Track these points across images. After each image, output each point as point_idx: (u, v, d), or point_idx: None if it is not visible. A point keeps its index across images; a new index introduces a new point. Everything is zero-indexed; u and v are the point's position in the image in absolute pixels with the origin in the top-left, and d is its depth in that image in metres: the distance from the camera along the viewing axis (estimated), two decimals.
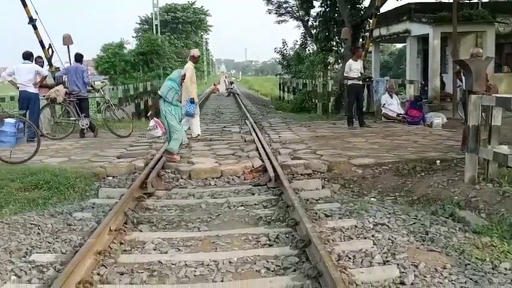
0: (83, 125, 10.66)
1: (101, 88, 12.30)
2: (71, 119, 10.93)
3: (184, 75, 8.37)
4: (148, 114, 8.08)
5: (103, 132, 11.16)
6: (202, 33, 70.63)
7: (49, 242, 4.53)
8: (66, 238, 4.62)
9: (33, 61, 10.67)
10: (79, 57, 11.34)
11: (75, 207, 5.82)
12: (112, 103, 11.93)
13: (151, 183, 6.40)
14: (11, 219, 5.03)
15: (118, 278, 3.83)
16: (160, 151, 8.46)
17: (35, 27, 12.51)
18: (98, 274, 3.86)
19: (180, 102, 8.21)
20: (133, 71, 30.27)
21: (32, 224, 4.95)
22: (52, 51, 12.86)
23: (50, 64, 12.79)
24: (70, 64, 11.88)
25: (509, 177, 5.69)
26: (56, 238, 4.64)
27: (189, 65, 10.24)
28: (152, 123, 7.91)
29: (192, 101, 9.91)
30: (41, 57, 11.50)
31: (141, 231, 4.94)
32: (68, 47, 13.29)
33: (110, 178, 7.23)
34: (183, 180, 7.13)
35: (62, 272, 3.54)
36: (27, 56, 10.41)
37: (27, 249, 4.32)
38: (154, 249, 4.45)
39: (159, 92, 8.02)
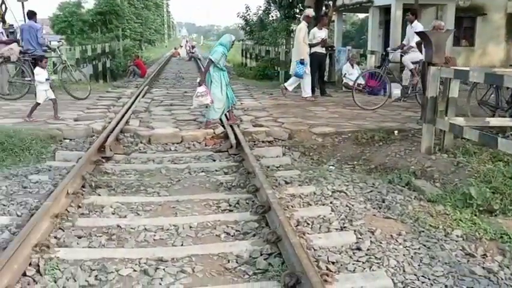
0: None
1: (58, 48, 11.84)
2: (26, 79, 10.51)
3: (233, 41, 8.12)
4: (198, 80, 7.72)
5: (59, 93, 10.77)
6: None
7: (4, 205, 4.42)
8: (21, 201, 4.52)
9: None
10: (31, 15, 10.84)
11: (31, 169, 5.67)
12: (68, 64, 11.53)
13: (109, 147, 6.27)
14: None
15: (76, 242, 3.79)
16: (119, 114, 8.29)
17: None
18: (55, 237, 3.81)
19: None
20: (91, 31, 29.33)
21: None
22: (6, 8, 12.27)
23: (4, 21, 12.21)
24: (24, 22, 11.37)
25: (463, 148, 5.87)
26: (11, 201, 4.53)
27: (303, 25, 10.79)
28: (202, 89, 7.49)
29: (301, 62, 10.27)
30: None
31: (99, 195, 4.87)
32: (22, 3, 12.73)
33: (67, 141, 7.06)
34: (142, 144, 7.03)
35: (18, 235, 3.47)
36: None
37: None
38: (113, 213, 4.41)
39: (211, 58, 7.66)
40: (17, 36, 10.84)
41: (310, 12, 10.82)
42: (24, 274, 3.17)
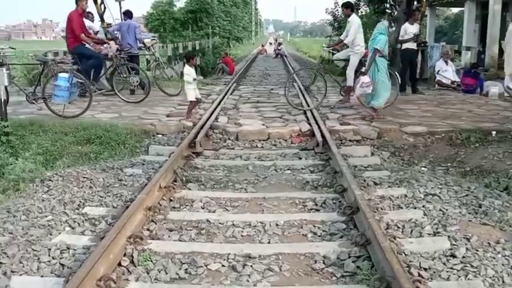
0: (133, 82, 10.78)
1: (152, 46, 12.35)
2: (122, 75, 11.06)
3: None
4: (363, 70, 7.99)
5: (153, 90, 11.28)
6: None
7: (101, 196, 4.67)
8: (117, 193, 4.75)
9: (85, 17, 10.75)
10: (129, 14, 11.40)
11: (125, 163, 5.95)
12: (161, 61, 11.98)
13: (199, 143, 6.45)
14: (65, 172, 5.19)
15: (168, 234, 3.92)
16: (208, 111, 8.49)
17: None
18: (148, 230, 3.96)
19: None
20: (183, 29, 30.22)
21: (84, 177, 5.10)
22: (104, 7, 12.94)
23: (102, 20, 12.89)
24: (121, 20, 11.96)
25: None
26: (108, 192, 4.77)
27: None
28: (367, 79, 7.75)
29: None
30: (91, 13, 11.56)
31: (190, 189, 5.02)
32: (119, 3, 13.33)
33: (160, 136, 7.34)
34: (230, 141, 7.15)
35: (114, 226, 3.63)
36: None
37: (80, 201, 4.48)
38: (202, 208, 4.52)
39: (376, 47, 7.80)
40: (113, 31, 11.37)
41: None
42: (119, 264, 3.33)
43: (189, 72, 7.92)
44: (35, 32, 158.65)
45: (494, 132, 6.87)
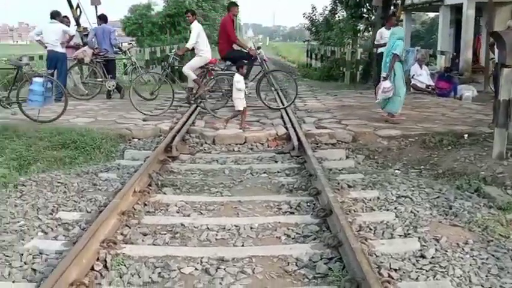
0: (109, 86, 10.74)
1: (128, 50, 12.29)
2: (98, 79, 11.00)
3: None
4: (384, 75, 7.93)
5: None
6: None
7: (75, 201, 4.65)
8: (91, 197, 4.74)
9: (61, 21, 10.65)
10: (104, 18, 11.33)
11: (100, 167, 5.93)
12: (138, 65, 11.93)
13: (175, 147, 6.45)
14: (39, 177, 5.17)
15: (141, 239, 3.93)
16: (185, 115, 8.48)
17: None
18: (122, 234, 3.96)
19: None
20: (160, 33, 30.14)
21: (59, 182, 5.08)
22: (80, 11, 12.84)
23: (78, 24, 12.79)
24: (97, 25, 11.88)
25: None
26: (82, 197, 4.76)
27: None
28: (388, 84, 7.72)
29: None
30: (67, 17, 11.42)
31: (165, 193, 5.02)
32: (96, 7, 13.23)
33: (136, 140, 7.32)
34: (207, 145, 7.16)
35: (87, 231, 3.63)
36: (54, 15, 10.34)
37: (53, 206, 4.47)
38: (177, 212, 4.53)
39: (396, 52, 7.79)
40: (91, 39, 11.29)
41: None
42: (92, 268, 3.32)
43: (240, 80, 7.79)
44: (11, 36, 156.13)
45: (466, 135, 7.01)
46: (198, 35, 9.10)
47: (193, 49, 9.29)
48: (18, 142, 6.52)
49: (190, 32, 9.17)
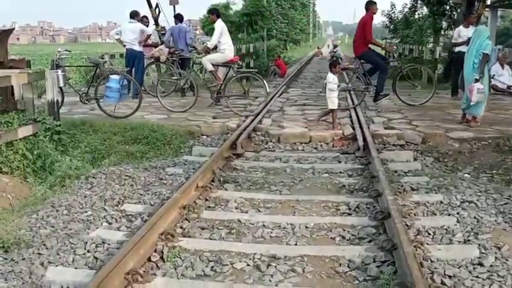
0: (183, 84, 11.07)
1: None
2: (173, 78, 11.37)
3: None
4: (476, 77, 7.70)
5: (203, 92, 11.51)
6: None
7: (140, 194, 4.88)
8: (156, 191, 4.95)
9: (139, 20, 11.12)
10: (180, 17, 11.70)
11: (168, 162, 6.17)
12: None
13: (240, 144, 6.57)
14: (109, 170, 5.46)
15: (199, 233, 4.05)
16: (254, 112, 8.60)
17: None
18: (181, 227, 4.11)
19: None
20: (238, 32, 30.56)
21: (127, 175, 5.35)
22: (159, 11, 13.33)
23: (157, 23, 13.28)
24: (174, 24, 12.29)
25: None
26: (147, 190, 4.98)
27: None
28: (481, 85, 7.41)
29: None
30: (146, 17, 11.92)
31: (226, 189, 5.14)
32: (174, 6, 13.69)
33: (204, 137, 7.53)
34: (272, 143, 7.24)
35: (147, 222, 3.80)
36: (133, 15, 10.84)
37: (120, 199, 4.71)
38: (236, 208, 4.63)
39: (487, 52, 7.46)
40: (167, 38, 11.68)
41: None
42: (149, 259, 3.48)
43: (333, 79, 7.79)
44: (99, 34, 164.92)
45: None
46: (220, 34, 9.50)
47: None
48: (94, 136, 6.92)
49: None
